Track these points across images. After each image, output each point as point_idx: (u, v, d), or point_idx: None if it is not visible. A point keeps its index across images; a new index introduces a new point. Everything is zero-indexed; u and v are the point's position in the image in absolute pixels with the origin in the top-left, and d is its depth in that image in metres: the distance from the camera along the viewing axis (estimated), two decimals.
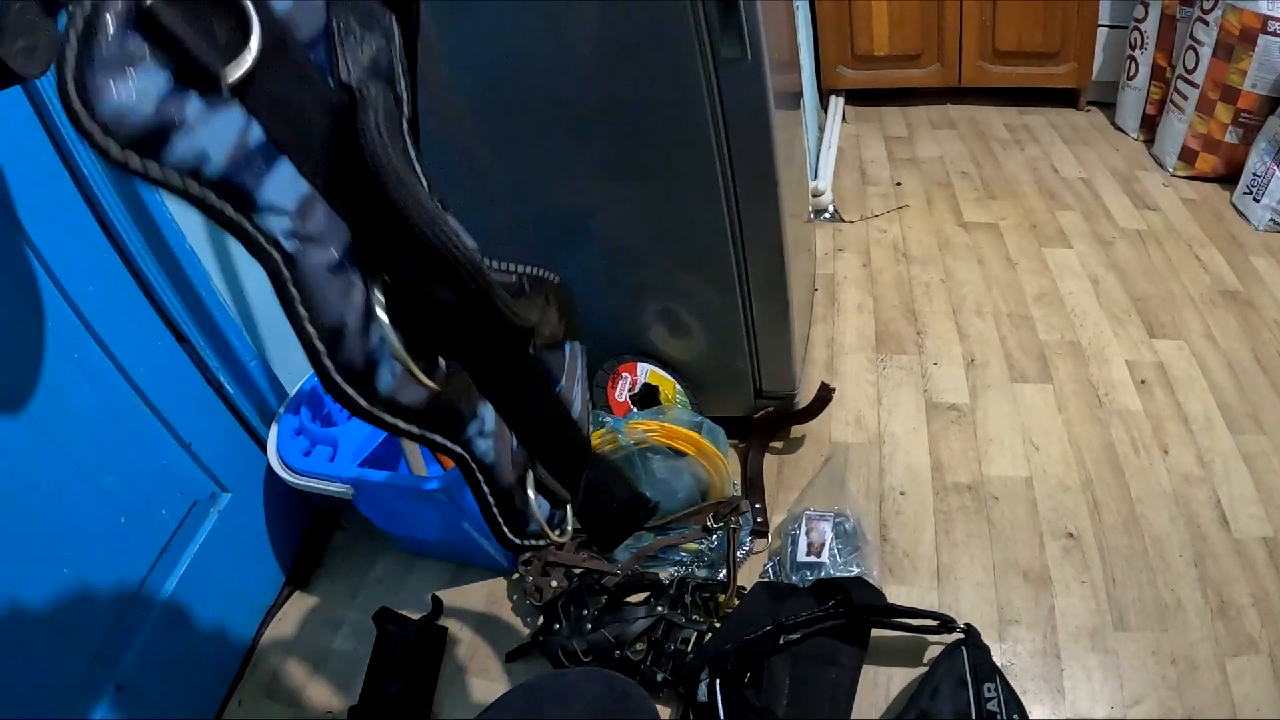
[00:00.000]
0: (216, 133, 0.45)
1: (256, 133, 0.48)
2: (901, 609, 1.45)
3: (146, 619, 1.38)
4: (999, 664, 1.39)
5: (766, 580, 1.61)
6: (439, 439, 0.69)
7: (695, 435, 1.59)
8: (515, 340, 0.71)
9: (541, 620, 1.55)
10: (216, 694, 1.55)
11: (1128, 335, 2.10)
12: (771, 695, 1.41)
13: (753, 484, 1.76)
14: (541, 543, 0.85)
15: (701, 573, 1.61)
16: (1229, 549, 1.60)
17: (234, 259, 1.56)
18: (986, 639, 1.41)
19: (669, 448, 1.58)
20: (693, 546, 1.64)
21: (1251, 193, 2.49)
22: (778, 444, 1.90)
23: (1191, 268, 2.33)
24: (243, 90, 0.46)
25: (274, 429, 1.56)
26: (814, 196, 2.57)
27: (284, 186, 0.50)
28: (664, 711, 1.47)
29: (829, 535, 1.59)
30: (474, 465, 0.73)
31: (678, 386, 1.75)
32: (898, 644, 1.47)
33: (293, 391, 1.64)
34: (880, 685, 1.45)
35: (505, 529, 0.80)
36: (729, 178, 1.43)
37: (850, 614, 1.44)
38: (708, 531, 1.62)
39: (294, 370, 1.72)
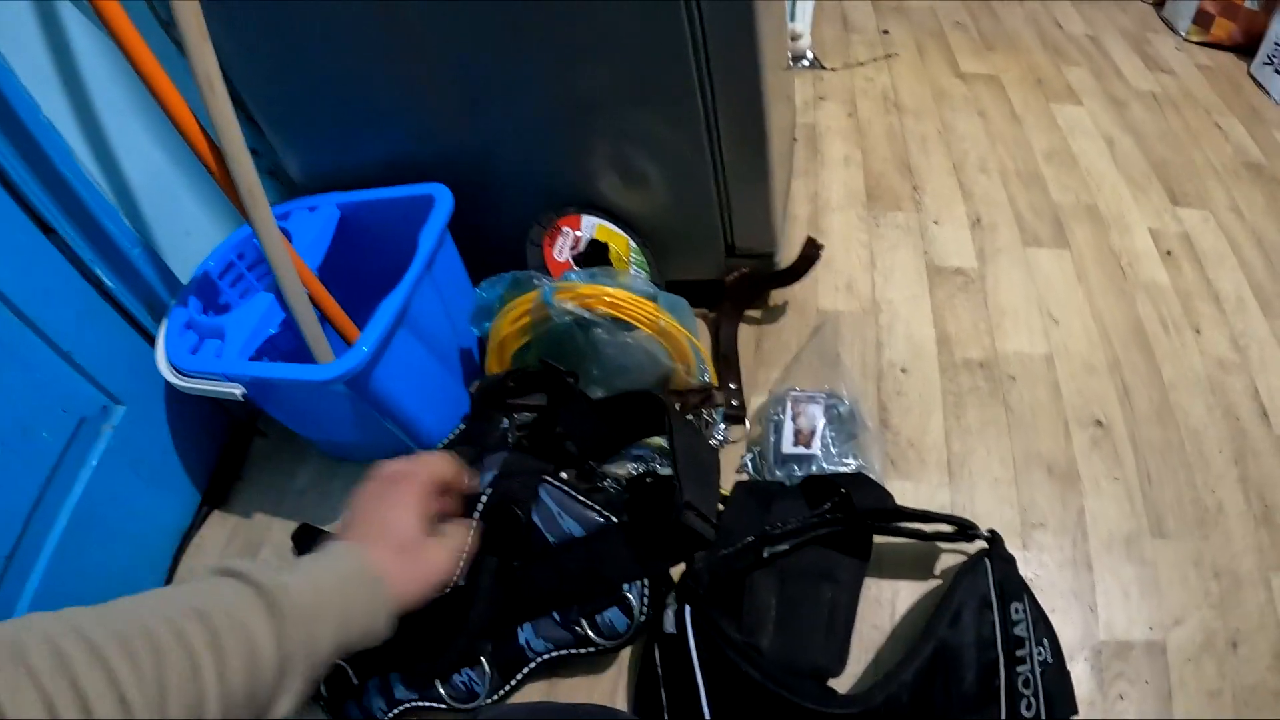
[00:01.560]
0: None
1: None
2: (912, 512, 1.13)
3: (39, 559, 1.16)
4: (1024, 576, 1.10)
5: (746, 479, 1.30)
6: None
7: (649, 305, 1.23)
8: None
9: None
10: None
11: (1149, 201, 1.80)
12: (755, 621, 1.10)
13: (726, 361, 1.43)
14: None
15: (665, 470, 1.27)
16: (1271, 447, 1.36)
17: (104, 130, 1.25)
18: (1009, 546, 1.12)
19: (615, 319, 1.23)
20: (655, 441, 1.30)
21: (1272, 64, 2.20)
22: (755, 313, 1.56)
23: (1212, 136, 2.03)
24: None
25: (163, 326, 1.26)
26: (791, 40, 2.20)
27: None
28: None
29: (820, 420, 1.27)
30: None
31: (632, 244, 1.40)
32: (905, 552, 1.19)
33: (186, 280, 1.35)
34: (885, 603, 1.17)
35: None
36: (696, 14, 1.10)
37: (851, 519, 1.12)
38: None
39: (186, 256, 1.40)
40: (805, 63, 2.25)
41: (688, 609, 1.04)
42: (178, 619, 0.52)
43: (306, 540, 1.30)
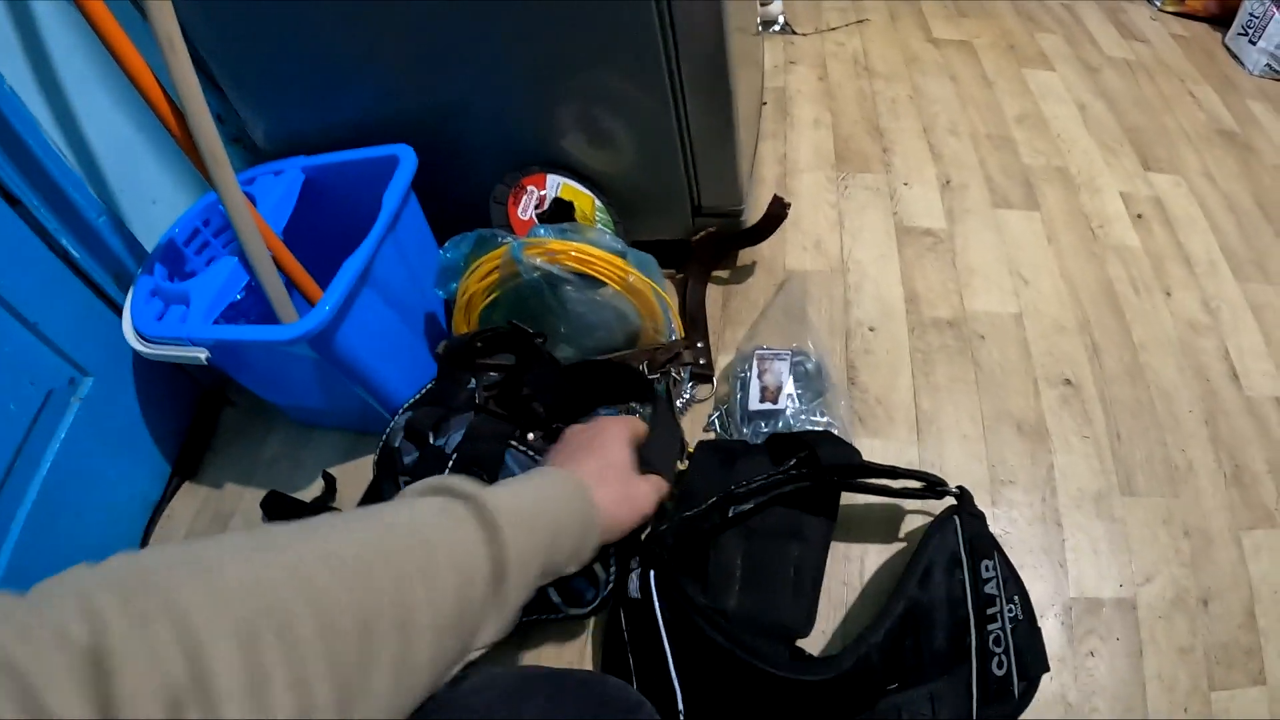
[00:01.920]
0: None
1: None
2: (881, 468, 1.10)
3: (8, 534, 1.13)
4: (994, 533, 1.09)
5: (712, 438, 1.27)
6: None
7: (618, 261, 1.19)
8: None
9: None
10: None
11: (1121, 166, 1.78)
12: (720, 581, 1.07)
13: (693, 320, 1.39)
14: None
15: None
16: (1241, 408, 1.35)
17: (68, 99, 1.21)
18: (979, 503, 1.11)
19: (584, 274, 1.19)
20: (628, 404, 1.27)
21: (1247, 34, 2.18)
22: (722, 272, 1.53)
23: (1185, 104, 2.00)
24: None
25: (129, 294, 1.22)
26: (761, 5, 2.16)
27: None
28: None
29: (786, 376, 1.24)
30: None
31: (597, 203, 1.36)
32: (873, 510, 1.17)
33: (151, 248, 1.30)
34: (854, 560, 1.15)
35: None
36: None
37: (816, 476, 1.09)
38: None
39: (151, 224, 1.36)
40: (776, 28, 2.21)
41: (652, 573, 1.02)
42: (390, 542, 0.49)
43: (276, 508, 1.26)
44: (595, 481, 0.73)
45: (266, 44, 1.27)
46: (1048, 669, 0.98)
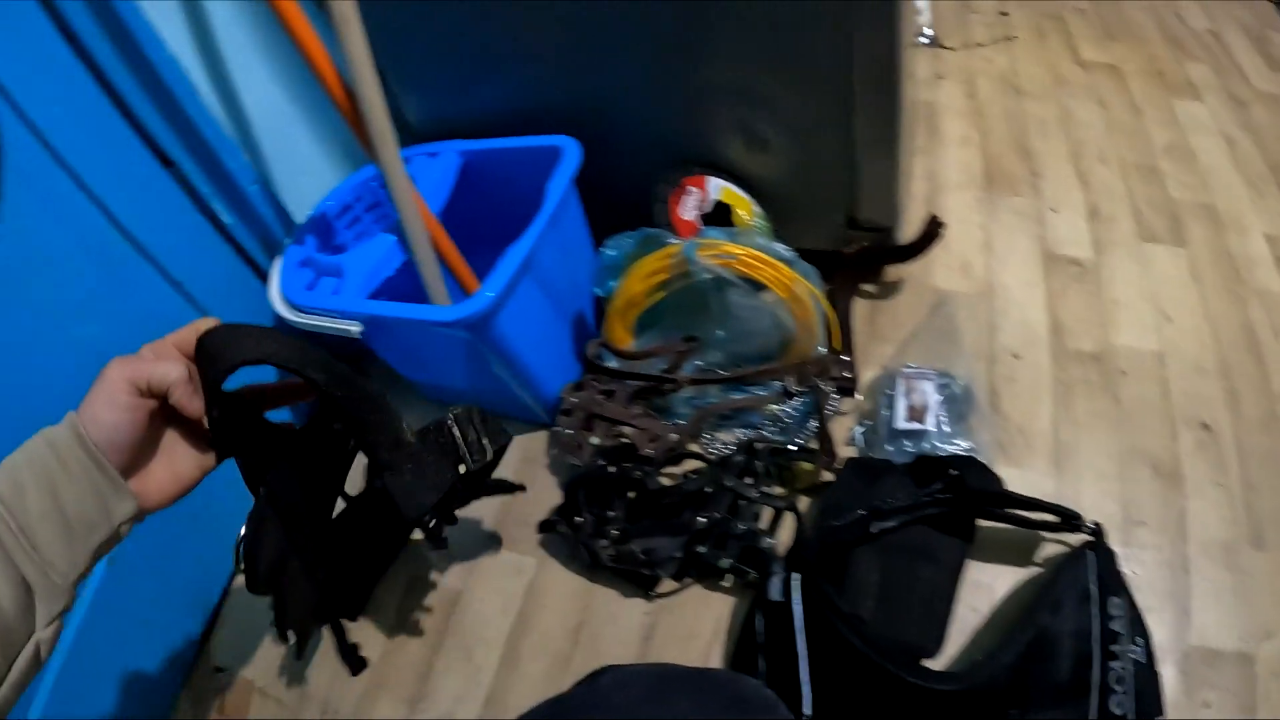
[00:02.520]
0: None
1: None
2: (1023, 499, 1.12)
3: None
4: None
5: (854, 454, 1.28)
6: None
7: (785, 268, 1.21)
8: None
9: (563, 502, 1.24)
10: (221, 569, 1.38)
11: (1267, 206, 1.72)
12: (856, 595, 1.10)
13: (840, 332, 1.41)
14: None
15: (775, 437, 1.27)
16: None
17: (227, 68, 1.25)
18: (1110, 542, 1.10)
19: (749, 279, 1.22)
20: (771, 410, 1.30)
21: None
22: (870, 287, 1.53)
23: None
24: None
25: (278, 262, 1.27)
26: None
27: None
28: (726, 603, 1.18)
29: (933, 397, 1.25)
30: None
31: (755, 208, 1.38)
32: (1007, 538, 1.17)
33: (301, 219, 1.36)
34: (984, 586, 1.15)
35: None
36: None
37: (960, 501, 1.11)
38: (789, 394, 1.26)
39: (303, 195, 1.41)
40: (924, 40, 2.19)
41: (796, 577, 1.04)
42: None
43: None
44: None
45: (432, 27, 1.29)
46: (1163, 713, 0.98)
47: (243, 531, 0.86)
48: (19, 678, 0.54)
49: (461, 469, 0.85)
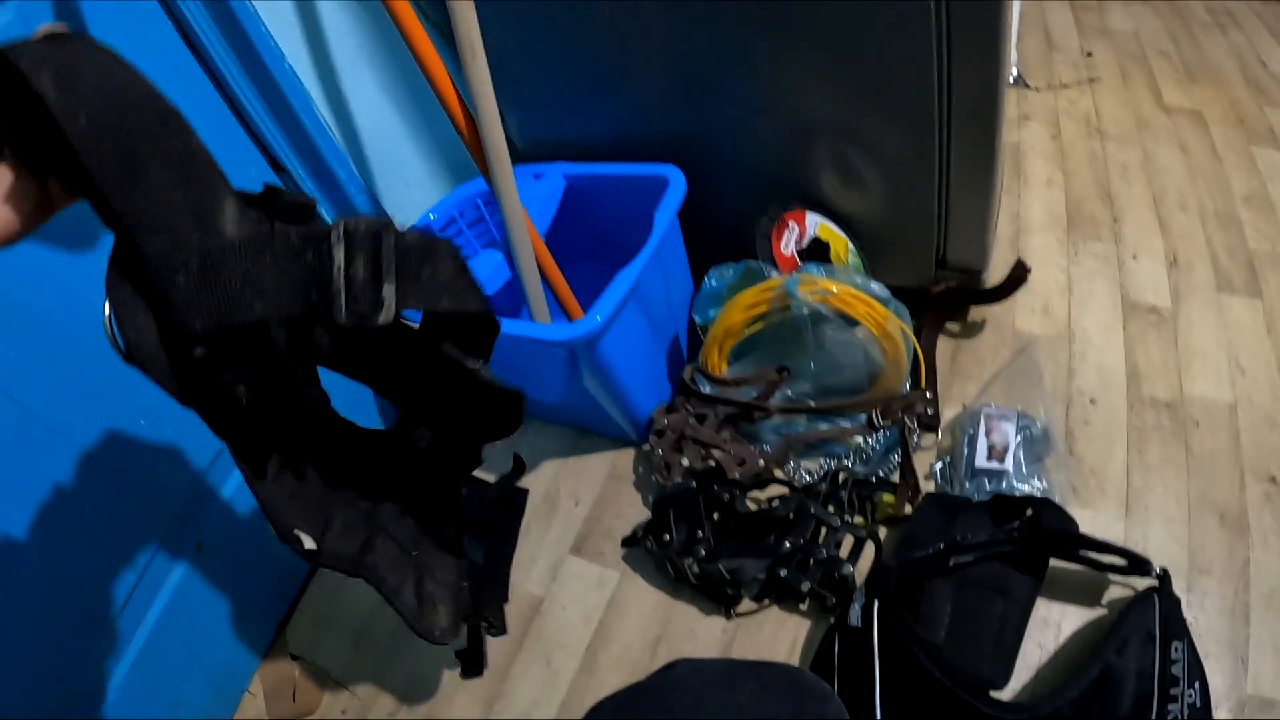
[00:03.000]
0: None
1: None
2: (1094, 541, 1.16)
3: (230, 475, 1.25)
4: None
5: (932, 489, 1.33)
6: None
7: (879, 306, 1.26)
8: None
9: (651, 518, 1.30)
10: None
11: None
12: (929, 625, 1.14)
13: (925, 369, 1.45)
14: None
15: (858, 468, 1.33)
16: None
17: (340, 82, 1.32)
18: (1175, 586, 1.13)
19: (843, 314, 1.27)
20: (855, 441, 1.35)
21: None
22: (954, 326, 1.58)
23: None
24: None
25: None
26: None
27: None
28: (803, 625, 1.23)
29: (1013, 438, 1.29)
30: None
31: (850, 245, 1.42)
32: (1076, 579, 1.20)
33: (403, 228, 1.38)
34: (1051, 624, 1.19)
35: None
36: (943, 19, 1.09)
37: (1036, 540, 1.16)
38: (873, 427, 1.32)
39: (407, 205, 1.48)
40: (1010, 80, 2.21)
41: (876, 603, 1.09)
42: None
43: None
44: None
45: (544, 52, 1.34)
46: None
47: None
48: None
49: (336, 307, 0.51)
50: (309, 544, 0.70)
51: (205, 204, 0.51)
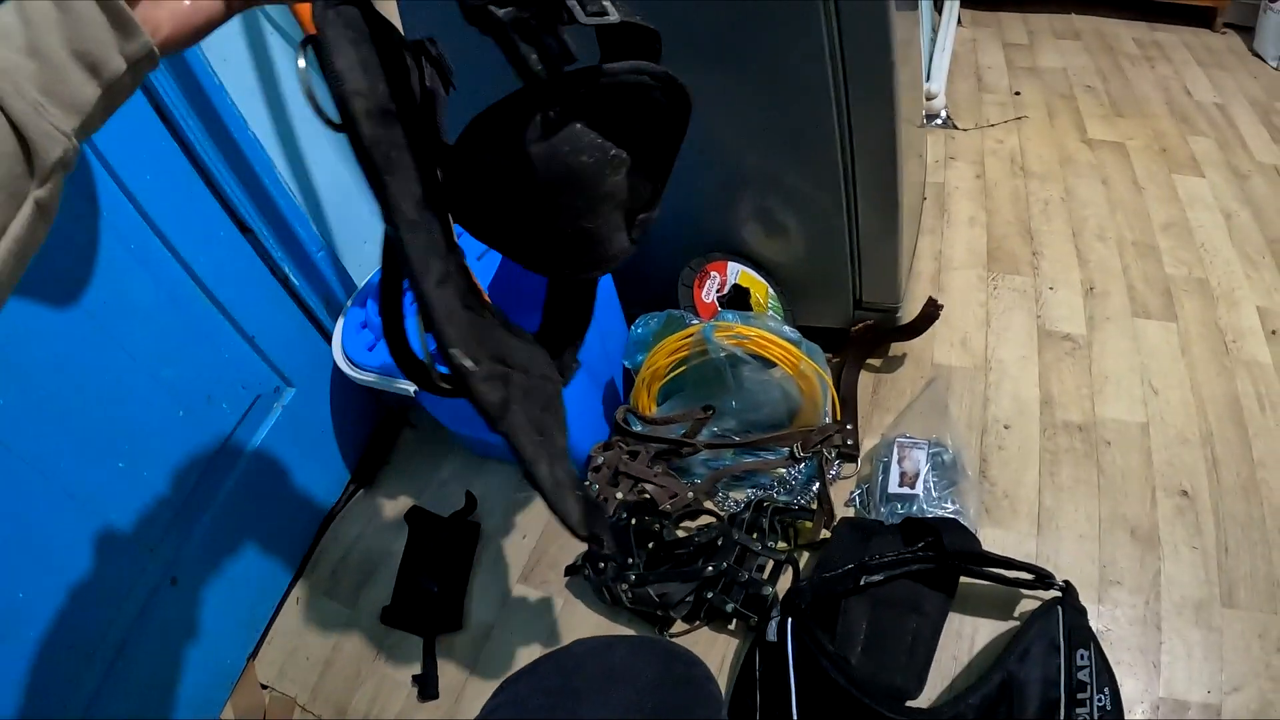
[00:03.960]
0: None
1: None
2: (996, 558, 1.22)
3: (204, 514, 1.30)
4: (1095, 628, 1.18)
5: (851, 515, 1.40)
6: None
7: (792, 348, 1.34)
8: None
9: (586, 549, 1.36)
10: (274, 591, 1.46)
11: (1261, 279, 1.79)
12: (846, 640, 1.20)
13: (844, 403, 1.52)
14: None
15: (782, 498, 1.39)
16: None
17: (300, 146, 1.39)
18: (1085, 599, 1.20)
19: (759, 356, 1.34)
20: (779, 472, 1.42)
21: None
22: (875, 361, 1.64)
23: None
24: None
25: (340, 322, 1.40)
26: (926, 100, 2.25)
27: None
28: (731, 644, 1.29)
29: (924, 465, 1.36)
30: None
31: (771, 291, 1.50)
32: (987, 594, 1.26)
33: (361, 284, 1.48)
34: (965, 637, 1.25)
35: None
36: (840, 75, 1.18)
37: (939, 559, 1.22)
38: (795, 459, 1.39)
39: (362, 262, 1.55)
40: (939, 121, 2.29)
41: (790, 620, 1.15)
42: None
43: (419, 521, 1.46)
44: None
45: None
46: None
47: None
48: (16, 245, 0.46)
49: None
50: (468, 364, 0.64)
51: None
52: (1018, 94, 2.45)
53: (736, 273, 1.48)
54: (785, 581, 1.31)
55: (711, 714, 0.80)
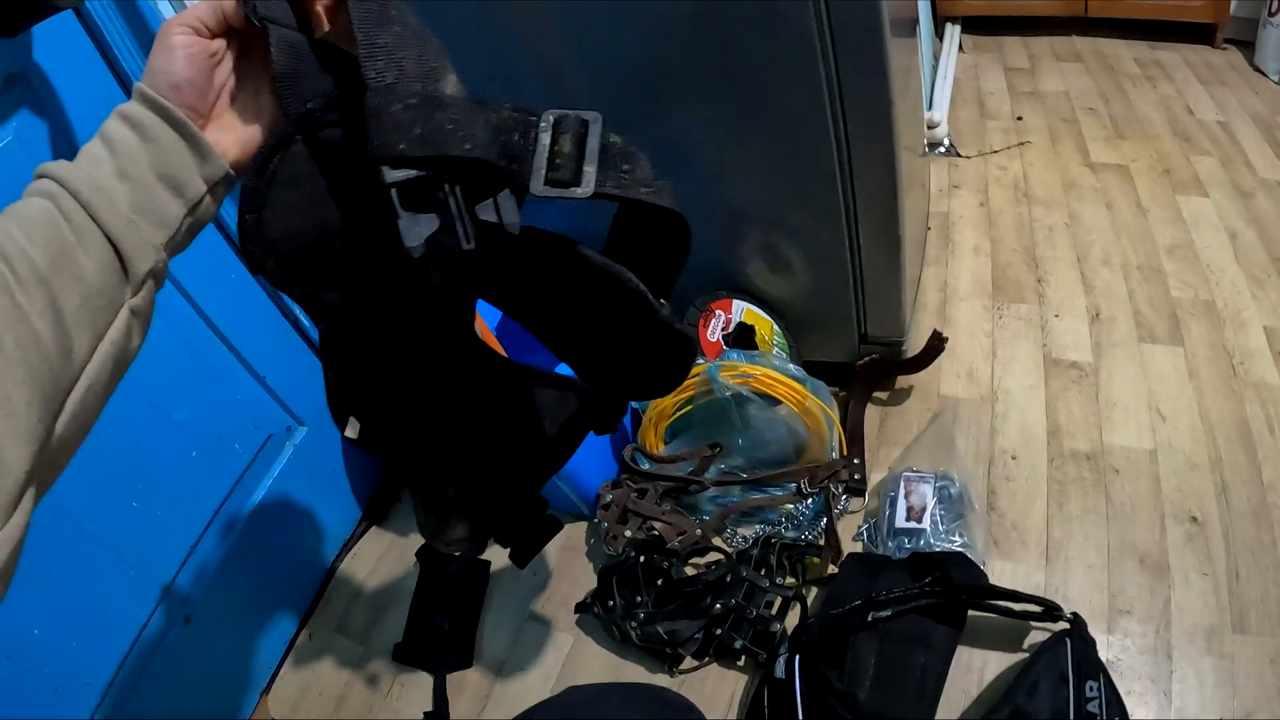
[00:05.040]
0: None
1: None
2: (1003, 591, 1.23)
3: (218, 552, 1.32)
4: (1105, 659, 1.19)
5: (859, 549, 1.41)
6: None
7: (798, 385, 1.35)
8: None
9: (597, 586, 1.38)
10: (287, 628, 1.48)
11: (1267, 298, 1.79)
12: (855, 676, 1.21)
13: (851, 437, 1.53)
14: None
15: (789, 533, 1.41)
16: None
17: None
18: (1094, 629, 1.20)
19: (765, 394, 1.36)
20: (786, 508, 1.43)
21: None
22: (881, 394, 1.66)
23: None
24: None
25: None
26: (928, 129, 2.27)
27: None
28: (740, 680, 1.30)
29: (930, 499, 1.37)
30: None
31: (775, 327, 1.52)
32: (996, 626, 1.26)
33: None
34: (974, 670, 1.25)
35: None
36: (838, 107, 1.20)
37: (947, 593, 1.23)
38: (802, 495, 1.40)
39: None
40: (942, 149, 2.31)
41: (798, 658, 1.16)
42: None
43: (431, 559, 1.47)
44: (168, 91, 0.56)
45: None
46: None
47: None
48: (114, 349, 0.51)
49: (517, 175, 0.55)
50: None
51: (434, 66, 0.55)
52: (1020, 119, 2.46)
53: (741, 310, 1.50)
54: (794, 618, 1.32)
55: None
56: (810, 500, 1.41)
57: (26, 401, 0.44)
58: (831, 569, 1.35)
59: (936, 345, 1.51)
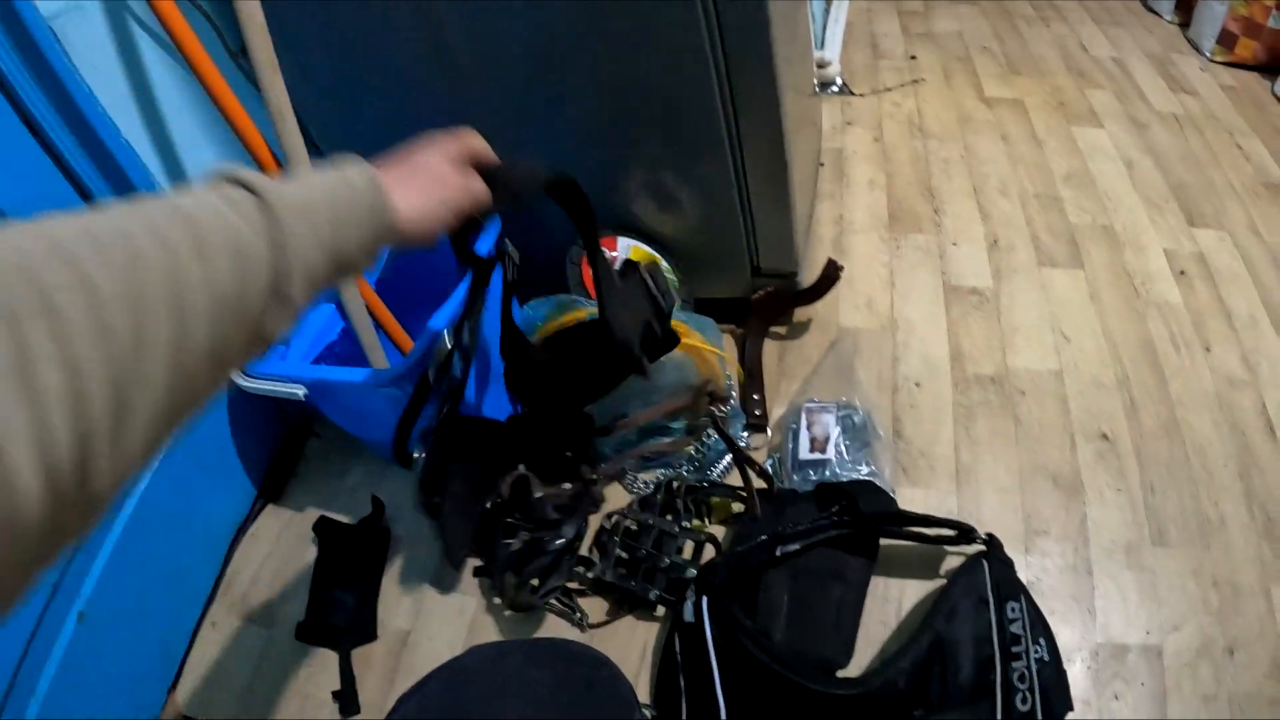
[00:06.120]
0: None
1: None
2: (914, 517, 1.18)
3: (106, 542, 1.21)
4: (1025, 580, 1.16)
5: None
6: None
7: (685, 326, 1.29)
8: None
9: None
10: (188, 617, 1.38)
11: (1165, 223, 1.80)
12: (768, 615, 1.15)
13: (750, 373, 1.47)
14: None
15: (691, 476, 1.34)
16: (1276, 462, 1.35)
17: (178, 155, 1.34)
18: (1012, 551, 1.17)
19: None
20: (688, 450, 1.36)
21: None
22: (779, 329, 1.60)
23: (1233, 157, 2.01)
24: None
25: None
26: (819, 68, 2.23)
27: None
28: (653, 629, 1.23)
29: (834, 429, 1.31)
30: None
31: (664, 264, 1.45)
32: (911, 553, 1.23)
33: None
34: (891, 600, 1.20)
35: None
36: (718, 44, 1.15)
37: (856, 523, 1.17)
38: (696, 432, 1.33)
39: None
40: (834, 89, 2.28)
41: (705, 599, 1.10)
42: (160, 219, 0.44)
43: (327, 531, 1.40)
44: (395, 182, 0.65)
45: (360, 109, 1.37)
46: (1072, 708, 1.04)
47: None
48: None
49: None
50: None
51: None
52: (913, 58, 2.45)
53: (627, 248, 1.42)
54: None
55: (620, 716, 0.75)
56: (712, 440, 1.34)
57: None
58: (738, 507, 1.28)
59: (832, 274, 1.46)
